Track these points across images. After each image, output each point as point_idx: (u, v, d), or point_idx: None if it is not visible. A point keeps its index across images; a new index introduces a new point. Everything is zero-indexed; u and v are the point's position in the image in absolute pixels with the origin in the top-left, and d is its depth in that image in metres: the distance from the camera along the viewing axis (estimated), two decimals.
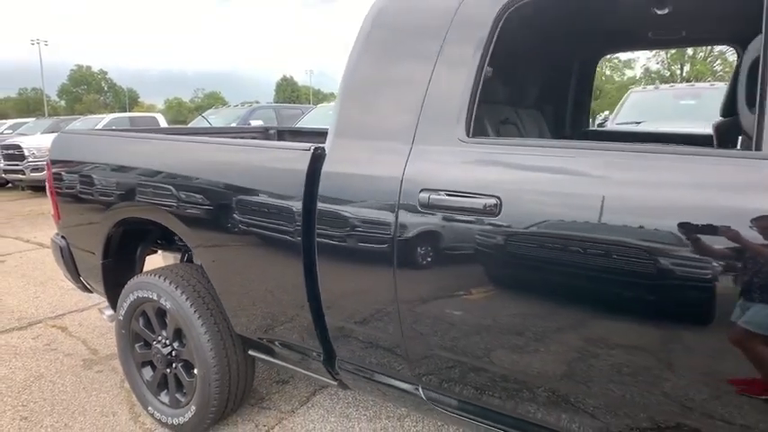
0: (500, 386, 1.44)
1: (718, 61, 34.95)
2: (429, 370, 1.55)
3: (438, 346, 1.50)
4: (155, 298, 2.21)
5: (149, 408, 2.37)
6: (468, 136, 1.41)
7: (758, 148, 1.06)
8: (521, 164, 1.34)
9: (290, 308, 1.79)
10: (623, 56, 41.24)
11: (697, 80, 35.32)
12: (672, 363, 1.15)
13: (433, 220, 1.40)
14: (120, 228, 2.39)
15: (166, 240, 2.68)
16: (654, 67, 38.76)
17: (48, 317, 3.79)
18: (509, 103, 2.33)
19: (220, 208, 1.86)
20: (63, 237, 2.69)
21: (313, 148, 1.67)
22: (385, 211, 1.48)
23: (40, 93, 69.72)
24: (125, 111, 56.78)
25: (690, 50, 36.45)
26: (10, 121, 14.14)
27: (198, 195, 1.90)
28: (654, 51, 37.70)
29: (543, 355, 1.31)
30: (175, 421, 2.26)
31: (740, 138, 1.66)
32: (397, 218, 1.46)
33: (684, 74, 36.79)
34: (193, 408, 2.19)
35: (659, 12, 1.76)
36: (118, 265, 2.52)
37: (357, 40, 1.66)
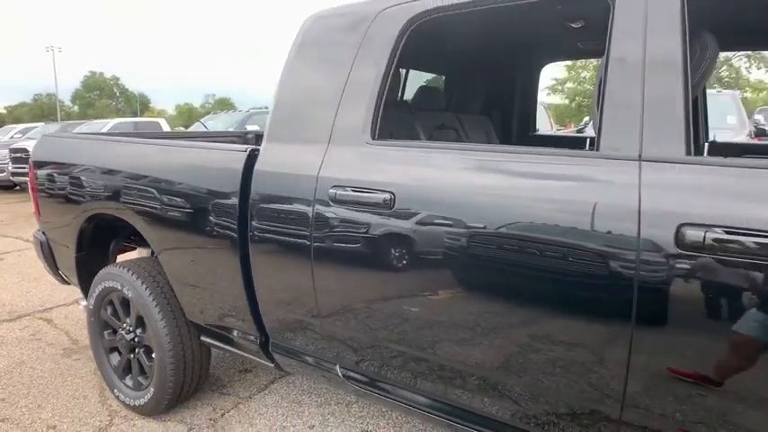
0: (404, 364, 1.60)
1: (724, 67, 34.83)
2: (344, 350, 1.72)
3: (351, 328, 1.66)
4: (119, 288, 2.40)
5: (115, 390, 2.55)
6: (372, 139, 1.58)
7: (597, 148, 1.22)
8: (414, 163, 1.51)
9: (231, 296, 1.97)
10: None
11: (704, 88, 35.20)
12: (514, 333, 1.31)
13: (342, 214, 1.58)
14: (92, 224, 2.58)
15: (139, 236, 2.87)
16: None
17: (36, 310, 4.00)
18: (450, 109, 2.50)
19: (169, 204, 2.04)
20: (43, 232, 2.90)
21: (249, 149, 1.86)
22: (304, 206, 1.66)
23: (55, 98, 70.92)
24: (136, 116, 57.68)
25: None
26: (20, 126, 14.58)
27: (150, 193, 2.10)
28: None
29: (436, 333, 1.48)
30: (136, 403, 2.44)
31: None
32: (313, 212, 1.63)
33: None
34: (152, 390, 2.37)
35: (574, 25, 1.92)
36: (90, 258, 2.71)
37: (288, 54, 1.85)
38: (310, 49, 1.82)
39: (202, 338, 2.29)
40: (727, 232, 1.03)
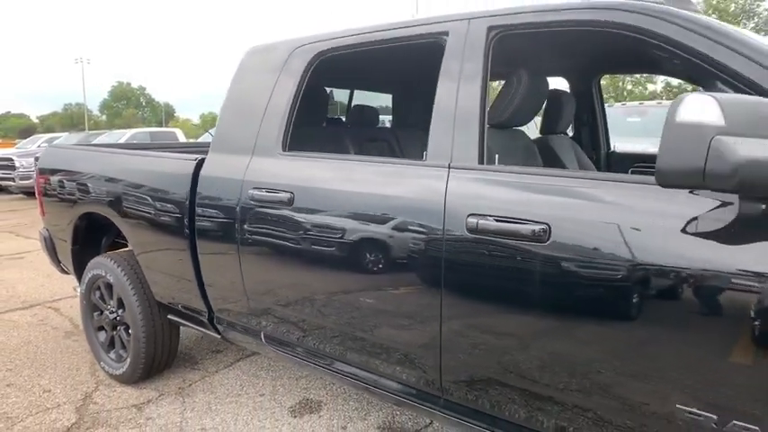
0: (307, 331, 2.00)
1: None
2: (265, 321, 2.13)
3: (268, 304, 2.08)
4: (104, 274, 2.86)
5: (101, 363, 3.01)
6: (283, 150, 2.00)
7: (425, 158, 1.62)
8: (309, 169, 1.92)
9: (185, 280, 2.40)
10: None
11: None
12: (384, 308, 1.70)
13: (260, 210, 1.99)
14: (84, 221, 3.05)
15: None
16: (674, 81, 38.32)
17: (47, 300, 4.52)
18: (394, 124, 2.90)
19: (138, 203, 2.49)
20: (47, 229, 3.39)
21: (198, 159, 2.30)
22: (233, 204, 2.08)
23: (83, 108, 73.52)
24: (161, 125, 59.47)
25: None
26: (46, 135, 15.50)
27: (124, 194, 2.55)
28: None
29: (326, 305, 1.88)
30: (117, 372, 2.89)
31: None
32: (239, 209, 2.06)
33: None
34: (129, 360, 2.81)
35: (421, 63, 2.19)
36: (85, 250, 3.18)
37: (231, 80, 2.28)
38: (245, 77, 2.25)
39: (169, 316, 2.73)
40: (497, 220, 1.41)
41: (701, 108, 0.90)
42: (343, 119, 3.24)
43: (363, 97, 3.21)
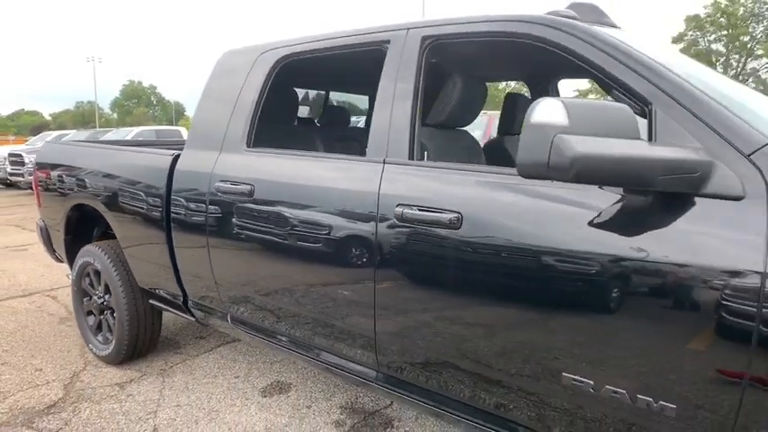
0: (268, 313, 2.18)
1: (750, 79, 34.20)
2: (232, 304, 2.31)
3: (234, 288, 2.26)
4: (92, 262, 3.06)
5: (90, 345, 3.21)
6: (247, 147, 2.18)
7: (365, 155, 1.79)
8: (268, 164, 2.09)
9: (163, 267, 2.59)
10: None
11: None
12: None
13: (225, 201, 2.18)
14: (76, 212, 3.25)
15: None
16: None
17: (45, 289, 4.74)
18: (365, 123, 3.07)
19: (120, 195, 2.69)
20: (43, 219, 3.60)
21: (174, 154, 2.48)
22: (202, 196, 2.27)
23: (95, 106, 74.41)
24: (171, 123, 60.11)
25: (720, 69, 35.81)
26: (55, 133, 15.84)
27: (108, 187, 2.75)
28: None
29: (284, 288, 2.05)
30: (103, 353, 3.09)
31: None
32: (207, 200, 2.24)
33: None
34: (114, 343, 3.01)
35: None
36: (77, 240, 3.39)
37: (206, 81, 2.47)
38: (219, 78, 2.44)
39: (150, 301, 2.92)
40: (421, 209, 1.58)
41: (549, 110, 1.05)
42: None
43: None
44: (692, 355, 1.17)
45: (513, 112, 2.54)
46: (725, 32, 34.52)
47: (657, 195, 1.22)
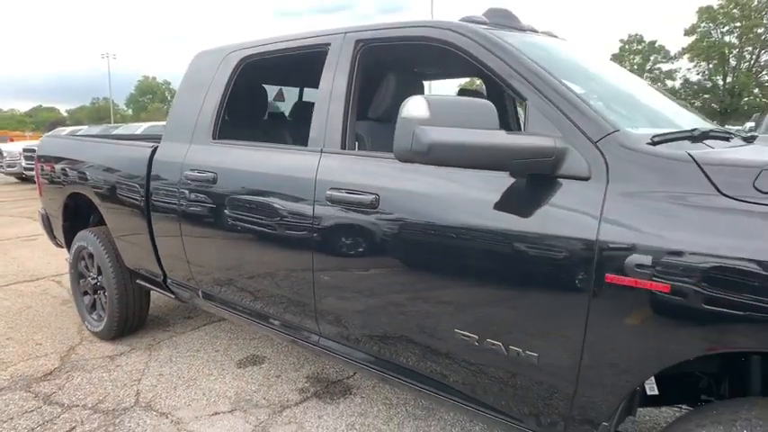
0: (233, 288, 2.43)
1: (764, 72, 33.67)
2: (202, 281, 2.57)
3: (202, 266, 2.52)
4: (86, 245, 3.35)
5: (86, 322, 3.51)
6: (213, 139, 2.43)
7: (307, 144, 2.02)
8: (230, 155, 2.34)
9: (145, 248, 2.86)
10: (665, 66, 40.49)
11: (741, 92, 34.09)
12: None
13: (193, 188, 2.43)
14: (73, 200, 3.54)
15: None
16: (694, 77, 37.67)
17: (51, 275, 5.07)
18: None
19: (108, 183, 2.96)
20: (44, 208, 3.91)
21: (153, 146, 2.74)
22: (175, 183, 2.52)
23: (110, 102, 75.52)
24: None
25: (732, 61, 35.27)
26: (68, 129, 16.33)
27: (98, 176, 3.02)
28: (695, 62, 36.84)
29: (244, 266, 2.30)
30: (96, 330, 3.38)
31: None
32: (179, 187, 2.50)
33: (726, 84, 35.53)
34: (105, 320, 3.30)
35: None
36: (74, 227, 3.68)
37: (181, 80, 2.72)
38: (192, 76, 2.69)
39: (137, 281, 3.20)
40: (347, 192, 1.81)
41: (415, 106, 1.27)
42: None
43: None
44: (547, 310, 1.39)
45: None
46: (738, 24, 33.98)
47: (532, 177, 1.44)
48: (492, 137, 1.29)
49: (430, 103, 1.26)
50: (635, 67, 40.31)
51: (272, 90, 3.51)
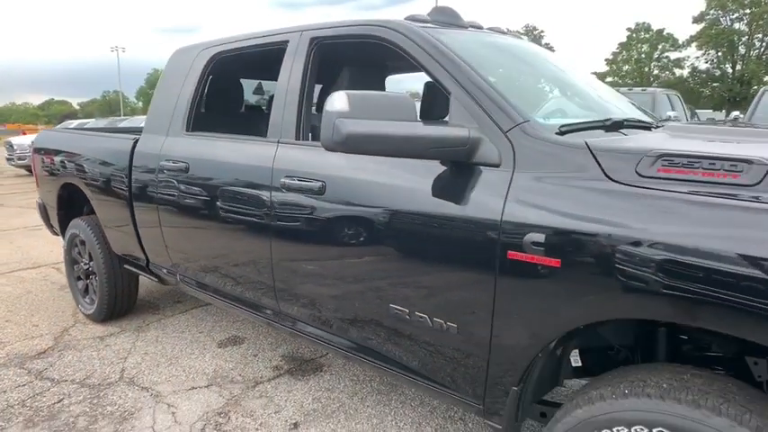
0: (207, 272, 2.60)
1: None
2: (179, 265, 2.74)
3: (178, 251, 2.68)
4: (78, 233, 3.54)
5: (79, 306, 3.71)
6: (186, 131, 2.59)
7: (266, 135, 2.17)
8: (200, 146, 2.49)
9: (128, 233, 3.03)
10: (672, 55, 39.88)
11: (750, 80, 33.57)
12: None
13: (168, 177, 2.59)
14: (66, 190, 3.73)
15: None
16: (702, 66, 37.08)
17: (52, 263, 5.29)
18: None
19: (96, 173, 3.13)
20: (41, 198, 4.10)
21: (135, 138, 2.91)
22: (153, 172, 2.69)
23: (120, 95, 76.16)
24: None
25: (742, 49, 34.68)
26: (76, 122, 16.65)
27: (86, 167, 3.20)
28: (703, 50, 36.29)
29: (215, 252, 2.46)
30: (88, 312, 3.58)
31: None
32: (157, 176, 2.66)
33: (735, 72, 34.98)
34: (96, 303, 3.49)
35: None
36: (68, 215, 3.87)
37: (160, 76, 2.87)
38: (169, 72, 2.84)
39: (125, 266, 3.38)
40: (299, 180, 1.95)
41: (338, 100, 1.40)
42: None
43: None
44: (463, 284, 1.53)
45: (430, 100, 2.87)
46: (748, 11, 33.37)
47: (454, 165, 1.58)
48: (408, 128, 1.42)
49: (350, 98, 1.39)
50: (642, 55, 39.91)
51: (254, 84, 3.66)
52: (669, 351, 1.56)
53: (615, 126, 1.64)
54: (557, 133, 1.50)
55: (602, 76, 41.48)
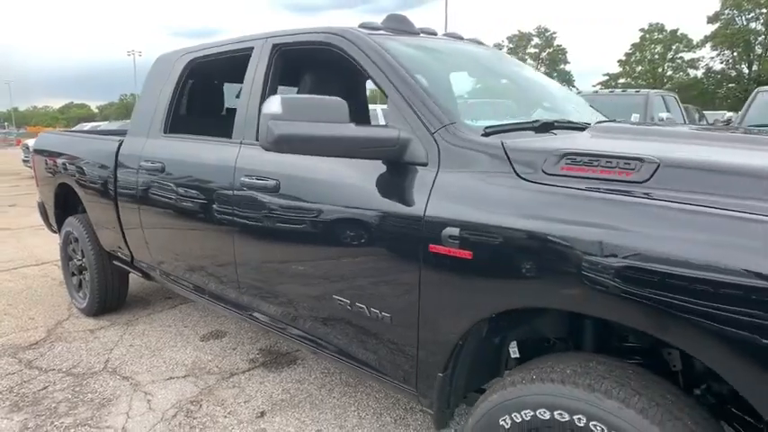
0: (184, 269, 2.73)
1: None
2: (159, 261, 2.88)
3: (158, 248, 2.82)
4: (72, 231, 3.70)
5: (74, 300, 3.88)
6: (164, 133, 2.72)
7: (231, 137, 2.29)
8: (175, 147, 2.63)
9: (114, 230, 3.18)
10: (687, 56, 39.33)
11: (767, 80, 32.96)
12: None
13: (147, 177, 2.73)
14: (62, 190, 3.90)
15: None
16: (717, 66, 36.51)
17: (55, 260, 5.47)
18: None
19: (85, 174, 3.29)
20: (41, 197, 4.29)
21: (120, 140, 3.06)
22: (134, 173, 2.83)
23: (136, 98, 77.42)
24: None
25: (758, 49, 34.07)
26: (90, 124, 17.07)
27: (77, 168, 3.36)
28: (718, 50, 35.79)
29: (185, 247, 2.59)
30: (81, 306, 3.74)
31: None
32: (137, 175, 2.80)
33: (751, 73, 34.38)
34: (88, 297, 3.65)
35: None
36: (65, 213, 4.04)
37: (144, 82, 3.02)
38: (151, 77, 2.99)
39: (114, 262, 3.53)
40: (257, 178, 2.07)
41: (271, 104, 1.51)
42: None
43: None
44: (395, 276, 1.62)
45: None
46: (764, 10, 32.80)
47: (391, 164, 1.68)
48: (338, 129, 1.53)
49: (284, 102, 1.50)
50: (656, 56, 39.45)
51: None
52: (597, 343, 1.64)
53: (545, 127, 1.72)
54: (483, 135, 1.59)
55: (614, 78, 41.15)
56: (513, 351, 1.78)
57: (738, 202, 1.12)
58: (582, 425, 1.26)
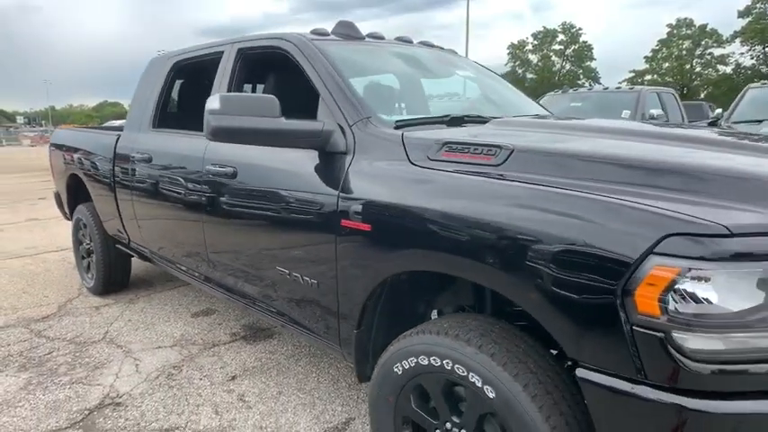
0: (176, 252, 3.06)
1: None
2: (150, 243, 3.22)
3: (148, 231, 3.16)
4: (81, 217, 4.10)
5: (83, 281, 4.28)
6: (152, 128, 3.06)
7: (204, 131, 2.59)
8: (160, 140, 2.95)
9: (113, 215, 3.55)
10: (716, 51, 38.20)
11: None
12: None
13: (138, 167, 3.07)
14: (73, 181, 4.30)
15: None
16: (748, 62, 35.34)
17: None
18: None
19: (90, 165, 3.67)
20: (56, 187, 4.71)
21: (118, 135, 3.41)
22: (128, 163, 3.18)
23: None
24: None
25: None
26: (119, 122, 17.87)
27: (85, 160, 3.74)
28: (748, 45, 34.66)
29: (168, 230, 2.92)
30: (89, 286, 4.14)
31: None
32: (131, 166, 3.14)
33: None
34: (95, 278, 4.04)
35: None
36: (76, 202, 4.45)
37: (138, 82, 3.37)
38: (144, 78, 3.33)
39: (117, 245, 3.91)
40: (219, 166, 2.37)
41: (213, 100, 1.79)
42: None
43: None
44: (319, 247, 1.89)
45: None
46: None
47: (321, 153, 1.95)
48: (267, 123, 1.81)
49: (222, 99, 1.79)
50: (683, 52, 38.45)
51: None
52: (495, 309, 1.88)
53: (456, 121, 1.96)
54: (395, 127, 1.84)
55: (640, 74, 40.29)
56: (434, 318, 2.03)
57: (566, 181, 1.35)
58: (449, 368, 1.51)
